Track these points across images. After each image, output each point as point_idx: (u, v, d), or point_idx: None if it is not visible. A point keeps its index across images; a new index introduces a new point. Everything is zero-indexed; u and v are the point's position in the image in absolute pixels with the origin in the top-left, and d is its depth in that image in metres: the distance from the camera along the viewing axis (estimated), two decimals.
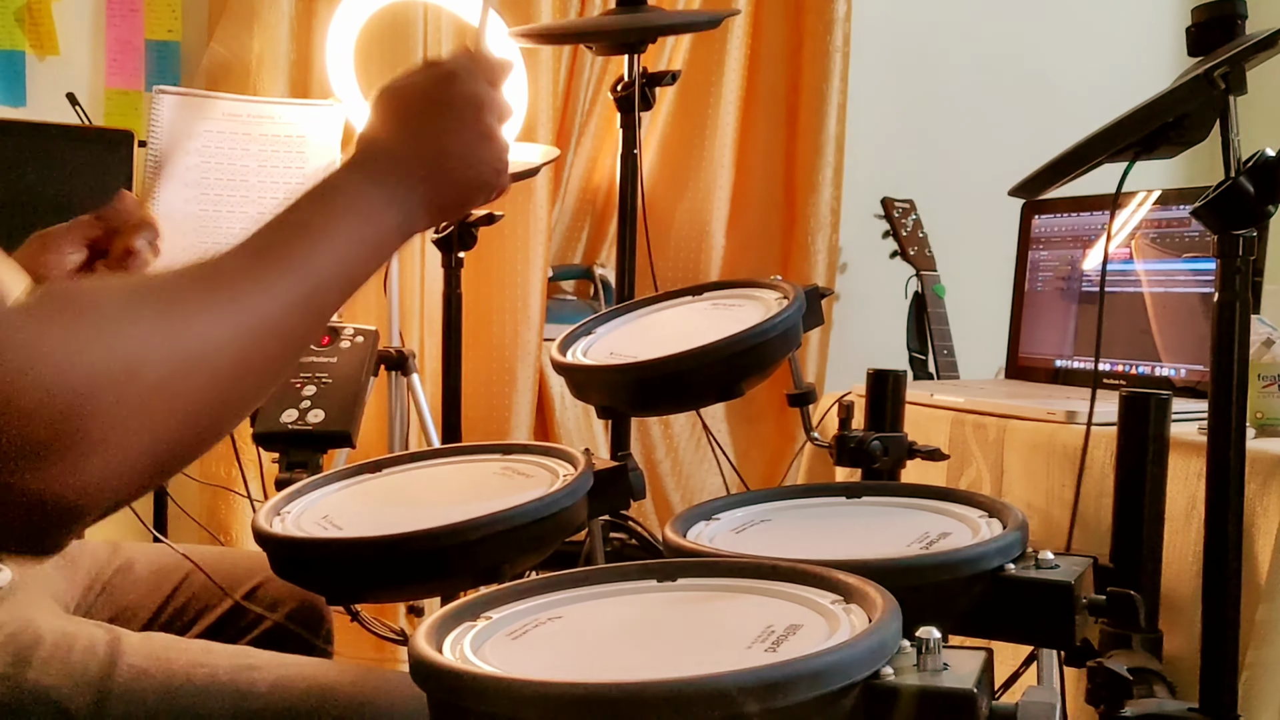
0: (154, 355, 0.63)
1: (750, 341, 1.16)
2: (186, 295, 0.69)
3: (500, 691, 0.66)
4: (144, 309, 0.66)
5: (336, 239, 0.78)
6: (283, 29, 2.50)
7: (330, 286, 0.77)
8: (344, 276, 0.79)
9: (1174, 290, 1.73)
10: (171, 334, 0.65)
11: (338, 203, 0.80)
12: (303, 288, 0.75)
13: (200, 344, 0.67)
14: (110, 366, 0.61)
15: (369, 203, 0.81)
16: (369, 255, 0.81)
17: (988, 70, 3.23)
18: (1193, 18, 1.05)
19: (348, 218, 0.79)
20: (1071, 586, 0.90)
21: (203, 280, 0.71)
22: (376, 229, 0.81)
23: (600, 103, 2.82)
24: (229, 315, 0.69)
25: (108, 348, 0.61)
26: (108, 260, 1.15)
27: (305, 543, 1.03)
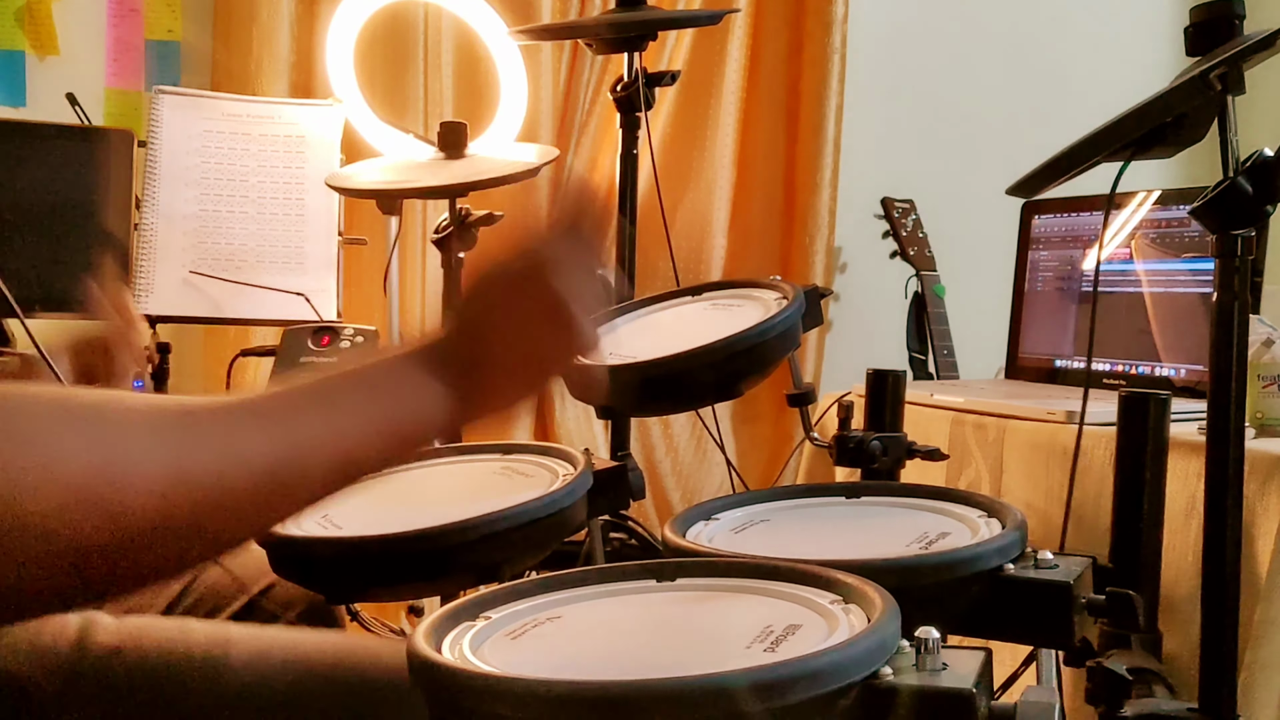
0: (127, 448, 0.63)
1: (750, 341, 1.16)
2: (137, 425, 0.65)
3: (499, 691, 0.66)
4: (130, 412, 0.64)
5: (347, 414, 0.74)
6: (283, 29, 2.50)
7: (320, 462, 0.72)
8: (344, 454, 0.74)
9: (1174, 290, 1.73)
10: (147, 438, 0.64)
11: (372, 381, 0.77)
12: (279, 453, 0.69)
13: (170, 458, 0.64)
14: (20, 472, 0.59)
15: (413, 390, 0.78)
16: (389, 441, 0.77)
17: (988, 70, 3.23)
18: (1191, 18, 1.05)
19: (375, 398, 0.76)
20: (1071, 586, 0.90)
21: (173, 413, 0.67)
22: (408, 417, 0.77)
23: (600, 103, 2.82)
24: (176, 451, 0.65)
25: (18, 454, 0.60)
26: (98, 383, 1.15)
27: (305, 542, 1.03)
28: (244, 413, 0.70)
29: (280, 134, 2.21)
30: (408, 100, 2.59)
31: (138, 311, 1.19)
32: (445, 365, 0.80)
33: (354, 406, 0.75)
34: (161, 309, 2.07)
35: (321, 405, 0.73)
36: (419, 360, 0.80)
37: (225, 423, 0.68)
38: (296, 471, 0.71)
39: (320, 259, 2.17)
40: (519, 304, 0.83)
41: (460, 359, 0.80)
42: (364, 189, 2.04)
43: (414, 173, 1.98)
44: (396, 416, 0.77)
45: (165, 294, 2.08)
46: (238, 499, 0.67)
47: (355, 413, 0.75)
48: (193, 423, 0.67)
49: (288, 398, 0.73)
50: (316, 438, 0.72)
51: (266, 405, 0.72)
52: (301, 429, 0.71)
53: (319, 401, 0.74)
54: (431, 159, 1.98)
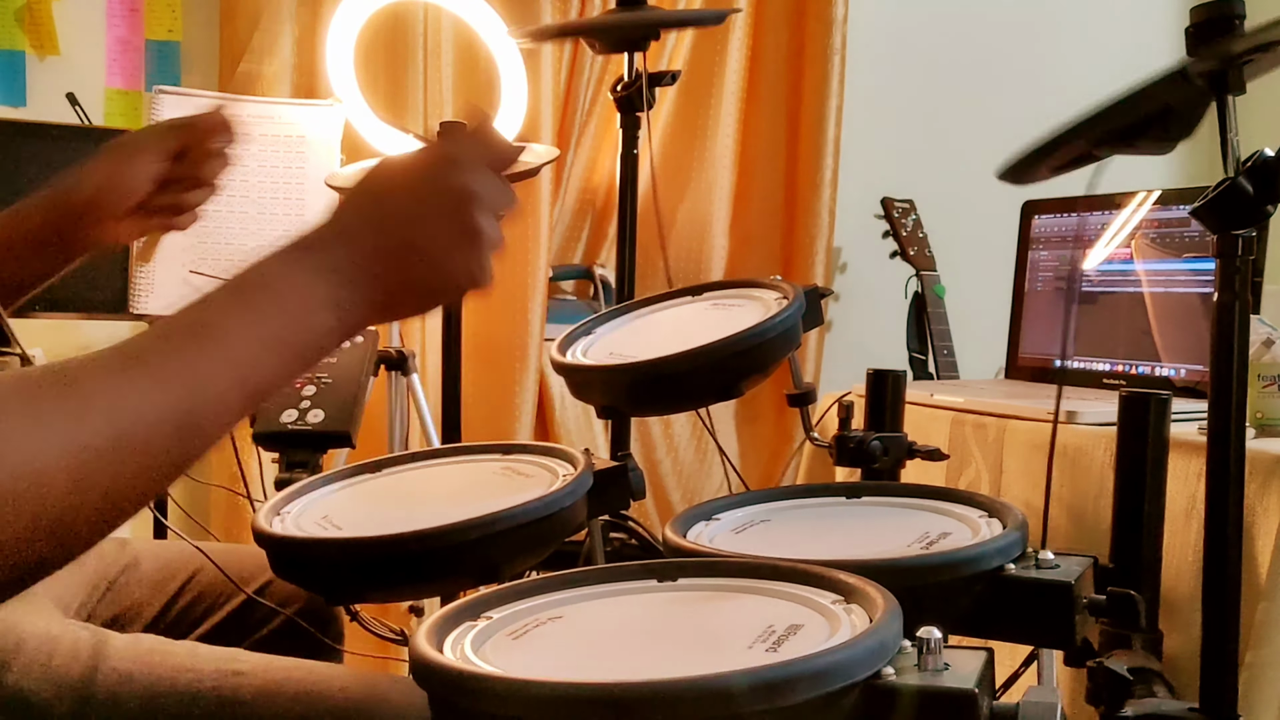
0: (13, 438, 0.59)
1: (750, 341, 1.16)
2: (19, 405, 0.61)
3: (501, 691, 0.66)
4: (3, 394, 0.61)
5: (237, 344, 0.69)
6: (285, 30, 2.50)
7: (222, 398, 0.68)
8: (244, 384, 0.69)
9: (1174, 290, 1.73)
10: (29, 422, 0.60)
11: (255, 300, 0.71)
12: (178, 401, 0.66)
13: (60, 435, 0.61)
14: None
15: (299, 299, 0.72)
16: (288, 360, 0.72)
17: (988, 70, 3.23)
18: (1191, 18, 1.05)
19: (262, 318, 0.71)
20: (1072, 586, 0.90)
21: (50, 388, 0.63)
22: (301, 330, 0.72)
23: (600, 103, 2.82)
24: (66, 430, 0.61)
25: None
26: (186, 165, 1.11)
27: (305, 543, 1.03)
28: (130, 365, 0.66)
29: (280, 134, 2.21)
30: (408, 100, 2.59)
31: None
32: (331, 260, 0.74)
33: (240, 333, 0.70)
34: (161, 309, 2.07)
35: (206, 340, 0.69)
36: (300, 258, 0.74)
37: (110, 381, 0.65)
38: (199, 415, 0.67)
39: None
40: (414, 196, 0.77)
41: (347, 251, 0.75)
42: None
43: None
44: (290, 336, 0.72)
45: (165, 294, 2.08)
46: (144, 458, 0.65)
47: (247, 341, 0.70)
48: (77, 391, 0.63)
49: (173, 339, 0.68)
50: (211, 377, 0.68)
51: (151, 352, 0.67)
52: (194, 371, 0.67)
53: (204, 332, 0.69)
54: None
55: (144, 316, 2.05)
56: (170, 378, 0.66)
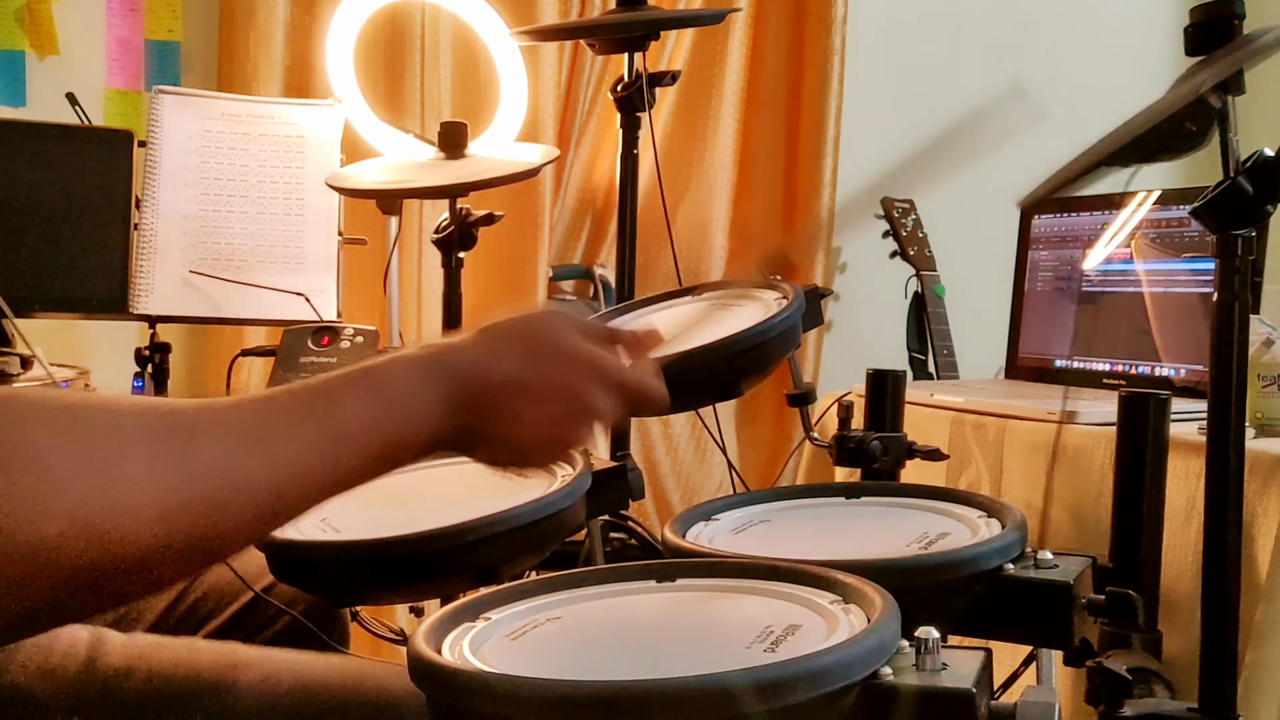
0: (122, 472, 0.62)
1: (750, 341, 1.16)
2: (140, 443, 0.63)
3: (500, 692, 0.66)
4: (125, 430, 0.63)
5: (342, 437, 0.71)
6: (277, 31, 2.50)
7: (320, 489, 0.71)
8: (344, 470, 0.72)
9: (1174, 290, 1.73)
10: (143, 464, 0.62)
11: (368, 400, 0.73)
12: (282, 483, 0.68)
13: (167, 484, 0.63)
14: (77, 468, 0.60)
15: (406, 418, 0.75)
16: (385, 464, 0.74)
17: (987, 70, 3.23)
18: (1191, 18, 1.05)
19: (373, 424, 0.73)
20: (1071, 586, 0.90)
21: (171, 437, 0.65)
22: (404, 444, 0.75)
23: (600, 103, 2.82)
24: (174, 481, 0.63)
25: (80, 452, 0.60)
26: None
27: (304, 545, 1.03)
28: (245, 434, 0.68)
29: (280, 134, 2.21)
30: (407, 100, 2.59)
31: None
32: (448, 373, 0.77)
33: (356, 430, 0.72)
34: (161, 309, 2.07)
35: (324, 427, 0.71)
36: (420, 385, 0.76)
37: (223, 443, 0.67)
38: (295, 493, 0.70)
39: (320, 259, 2.17)
40: (547, 363, 0.80)
41: (466, 376, 0.77)
42: (364, 189, 2.04)
43: (414, 173, 1.98)
44: (392, 429, 0.74)
45: (165, 294, 2.08)
46: (234, 522, 0.67)
47: (356, 437, 0.72)
48: (191, 446, 0.65)
49: (290, 418, 0.71)
50: (316, 463, 0.70)
51: (268, 425, 0.69)
52: (302, 453, 0.70)
53: (322, 423, 0.71)
54: (431, 159, 1.98)
55: (144, 316, 2.05)
56: (278, 457, 0.69)
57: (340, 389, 0.73)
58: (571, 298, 2.92)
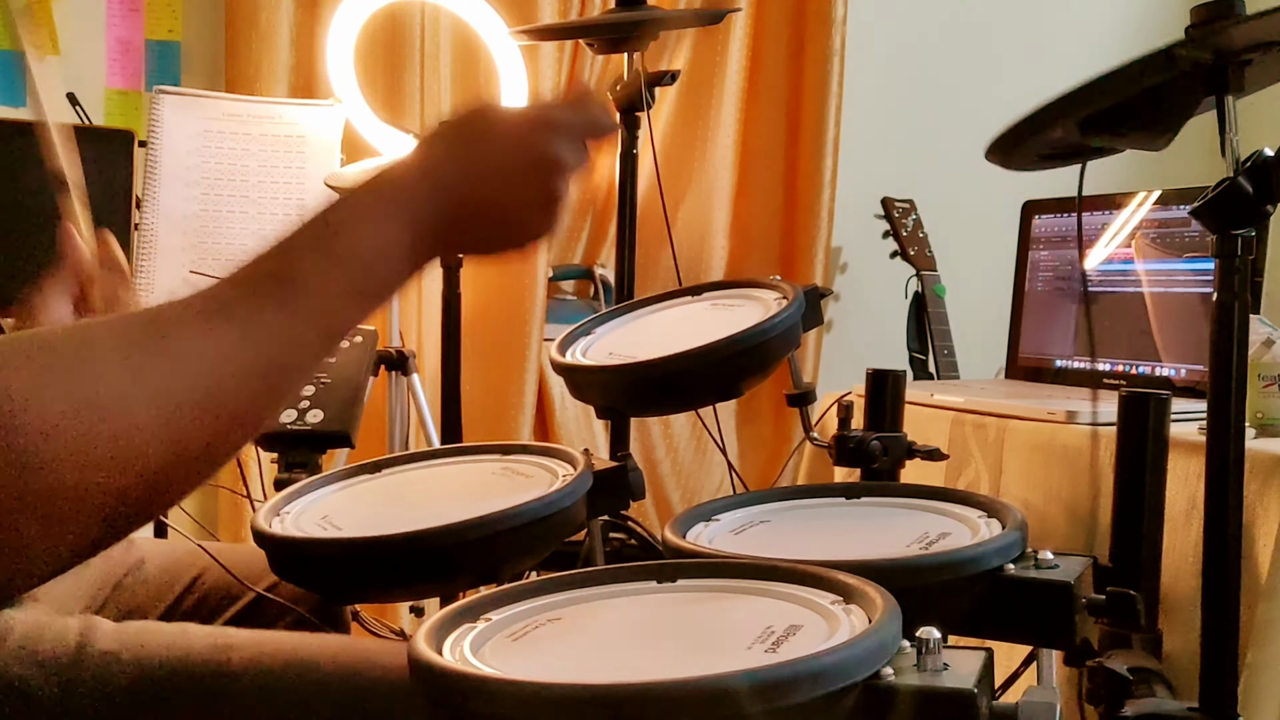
0: (111, 394, 0.61)
1: (750, 341, 1.16)
2: (116, 358, 0.63)
3: (501, 693, 0.66)
4: (99, 349, 0.63)
5: (318, 297, 0.71)
6: (282, 31, 2.50)
7: (305, 349, 0.71)
8: (325, 332, 0.72)
9: (1174, 290, 1.73)
10: (127, 378, 0.63)
11: (335, 249, 0.72)
12: (266, 356, 0.68)
13: (157, 391, 0.63)
14: (67, 405, 0.59)
15: (379, 247, 0.73)
16: (365, 306, 0.74)
17: (988, 70, 3.23)
18: (1191, 18, 1.05)
19: (343, 268, 0.72)
20: (1071, 586, 0.90)
21: (145, 341, 0.65)
22: (379, 277, 0.74)
23: None
24: (162, 386, 0.63)
25: (64, 388, 0.60)
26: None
27: (305, 543, 1.03)
28: (218, 316, 0.68)
29: (280, 134, 2.21)
30: (407, 100, 2.59)
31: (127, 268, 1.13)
32: (413, 211, 0.75)
33: (321, 285, 0.71)
34: None
35: (290, 294, 0.70)
36: (383, 207, 0.75)
37: (203, 333, 0.66)
38: (282, 367, 0.69)
39: None
40: (509, 154, 0.78)
41: (432, 203, 0.76)
42: None
43: None
44: (366, 280, 0.73)
45: (165, 294, 2.08)
46: (233, 407, 0.66)
47: (324, 291, 0.71)
48: (167, 342, 0.65)
49: (258, 290, 0.70)
50: (293, 329, 0.70)
51: (239, 303, 0.69)
52: (280, 323, 0.69)
53: (286, 290, 0.70)
54: None
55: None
56: (257, 333, 0.68)
57: (301, 258, 0.72)
58: (572, 298, 2.92)
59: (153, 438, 0.62)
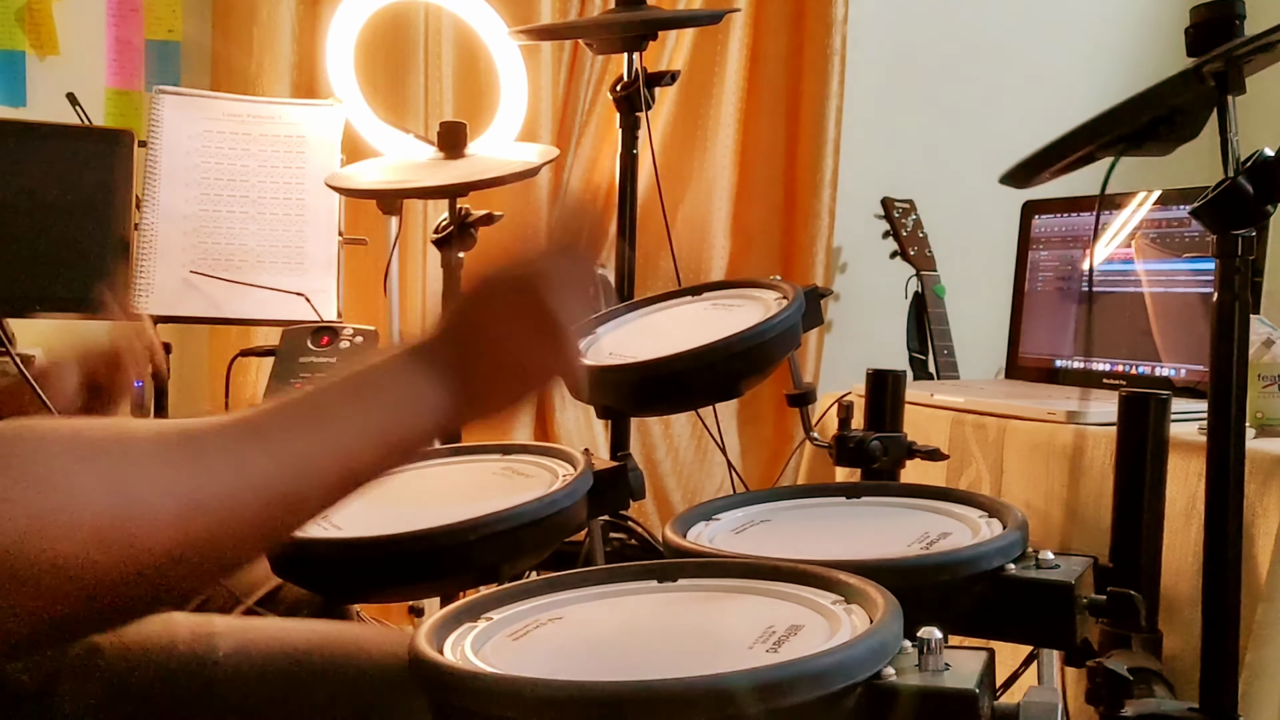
0: (139, 484, 0.64)
1: (750, 341, 1.16)
2: (150, 450, 0.67)
3: (502, 692, 0.66)
4: (137, 442, 0.66)
5: (344, 434, 0.75)
6: (284, 29, 2.50)
7: (324, 480, 0.74)
8: (346, 470, 0.75)
9: (1174, 290, 1.73)
10: (158, 473, 0.65)
11: (365, 394, 0.77)
12: (285, 477, 0.71)
13: (181, 491, 0.66)
14: (99, 483, 0.63)
15: (405, 399, 0.78)
16: (388, 452, 0.78)
17: (988, 70, 3.23)
18: (1191, 18, 1.05)
19: (370, 412, 0.76)
20: (1072, 586, 0.90)
21: (177, 443, 0.68)
22: (404, 426, 0.78)
23: (600, 103, 2.82)
24: (185, 482, 0.66)
25: (99, 467, 0.63)
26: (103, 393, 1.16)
27: (305, 543, 1.03)
28: (247, 435, 0.71)
29: (280, 134, 2.21)
30: (408, 100, 2.59)
31: (146, 318, 1.19)
32: (438, 368, 0.80)
33: (351, 417, 0.76)
34: (161, 309, 2.07)
35: (320, 420, 0.74)
36: (412, 363, 0.81)
37: (230, 447, 0.70)
38: (303, 488, 0.72)
39: (320, 259, 2.17)
40: (513, 312, 0.84)
41: (453, 361, 0.81)
42: (364, 189, 2.04)
43: (414, 173, 1.98)
44: (393, 423, 0.78)
45: (165, 294, 2.08)
46: (248, 522, 0.69)
47: (353, 424, 0.75)
48: (200, 450, 0.68)
49: (287, 415, 0.74)
50: (319, 453, 0.73)
51: (268, 425, 0.72)
52: (304, 447, 0.72)
53: (317, 416, 0.75)
54: (431, 159, 1.98)
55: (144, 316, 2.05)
56: (282, 455, 0.71)
57: (334, 398, 0.77)
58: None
59: (167, 528, 0.65)
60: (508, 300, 0.84)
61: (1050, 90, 3.19)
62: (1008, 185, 1.13)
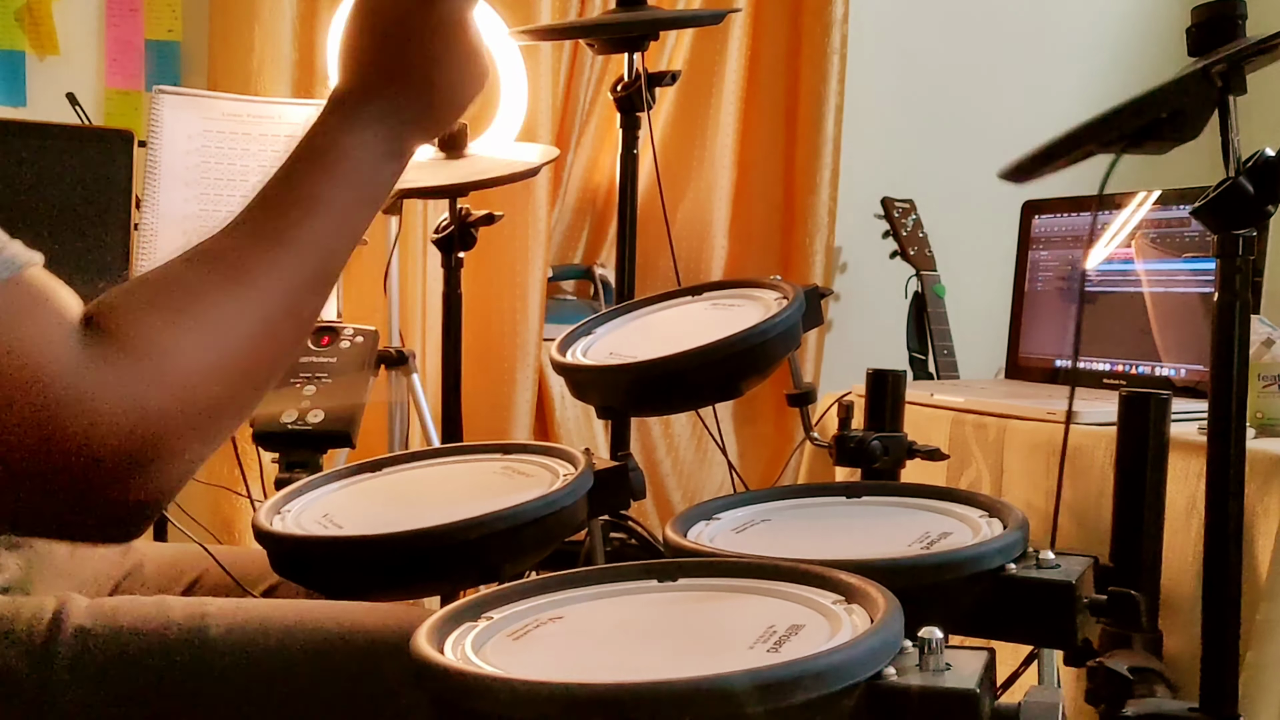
0: (207, 378, 0.67)
1: (750, 341, 1.16)
2: (215, 297, 0.70)
3: (502, 692, 0.66)
4: (189, 333, 0.67)
5: (339, 207, 0.77)
6: (284, 29, 2.50)
7: (338, 254, 0.77)
8: (349, 238, 0.78)
9: (1174, 290, 1.73)
10: (216, 348, 0.68)
11: (338, 169, 0.78)
12: (314, 264, 0.75)
13: (236, 344, 0.69)
14: (174, 403, 0.65)
15: (368, 160, 0.79)
16: (371, 211, 0.80)
17: (988, 70, 3.23)
18: (1192, 18, 1.05)
19: (349, 182, 0.78)
20: (1073, 586, 0.90)
21: (222, 275, 0.71)
22: (376, 183, 0.80)
23: (600, 103, 2.82)
24: (254, 307, 0.71)
25: (169, 388, 0.65)
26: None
27: (305, 541, 1.03)
28: (273, 246, 0.73)
29: (280, 134, 2.20)
30: None
31: None
32: (377, 118, 0.80)
33: (340, 199, 0.77)
34: None
35: (321, 212, 0.76)
36: (354, 122, 0.80)
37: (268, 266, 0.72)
38: (325, 276, 0.75)
39: None
40: (420, 40, 0.82)
41: (386, 106, 0.81)
42: None
43: (414, 173, 1.98)
44: (370, 188, 0.79)
45: None
46: (301, 322, 0.74)
47: (344, 204, 0.77)
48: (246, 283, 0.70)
49: (291, 214, 0.75)
50: (330, 241, 0.75)
51: (284, 228, 0.74)
52: (319, 241, 0.75)
53: (316, 210, 0.76)
54: (431, 159, 1.98)
55: None
56: (305, 250, 0.74)
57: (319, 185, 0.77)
58: (572, 298, 2.92)
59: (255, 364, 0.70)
60: (406, 28, 0.83)
61: (1050, 90, 3.19)
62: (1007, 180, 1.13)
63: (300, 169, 0.78)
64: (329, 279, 0.77)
